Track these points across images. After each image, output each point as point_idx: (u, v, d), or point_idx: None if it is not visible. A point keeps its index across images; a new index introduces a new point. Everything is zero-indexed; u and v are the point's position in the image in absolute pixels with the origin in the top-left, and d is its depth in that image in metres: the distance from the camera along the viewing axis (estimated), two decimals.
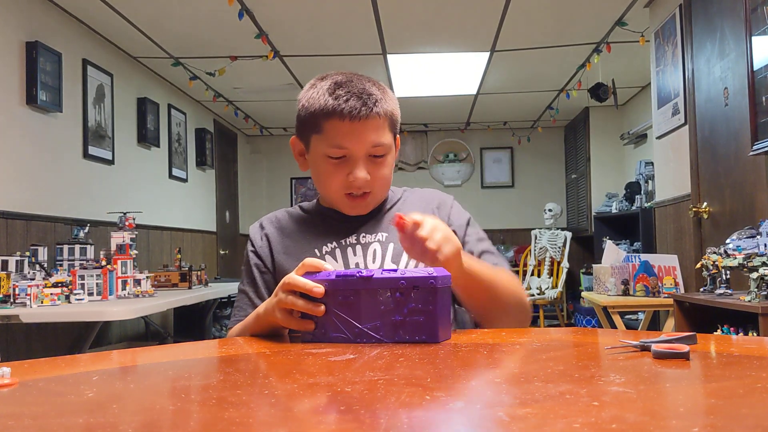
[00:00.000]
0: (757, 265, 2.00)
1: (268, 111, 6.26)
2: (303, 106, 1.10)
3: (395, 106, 1.12)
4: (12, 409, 0.53)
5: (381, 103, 1.06)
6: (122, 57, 4.40)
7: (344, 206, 1.12)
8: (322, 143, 1.07)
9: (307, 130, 1.10)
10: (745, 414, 0.45)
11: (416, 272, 0.84)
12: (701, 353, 0.71)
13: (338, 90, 1.05)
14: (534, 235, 6.25)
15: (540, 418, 0.45)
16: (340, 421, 0.47)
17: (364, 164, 1.07)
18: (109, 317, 2.69)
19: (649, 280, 3.34)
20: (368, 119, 1.04)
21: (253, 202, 7.31)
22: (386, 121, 1.08)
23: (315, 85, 1.10)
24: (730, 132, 2.80)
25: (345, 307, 0.84)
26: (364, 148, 1.06)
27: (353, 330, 0.84)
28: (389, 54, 4.57)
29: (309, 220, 1.18)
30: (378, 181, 1.10)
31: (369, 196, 1.11)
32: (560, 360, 0.71)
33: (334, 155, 1.06)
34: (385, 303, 0.84)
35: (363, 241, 1.13)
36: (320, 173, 1.10)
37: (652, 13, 3.74)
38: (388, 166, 1.11)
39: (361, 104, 1.04)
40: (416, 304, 0.83)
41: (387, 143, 1.09)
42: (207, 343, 0.91)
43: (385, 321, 0.84)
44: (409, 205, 1.19)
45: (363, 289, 0.83)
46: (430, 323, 0.83)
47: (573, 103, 5.90)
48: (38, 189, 3.39)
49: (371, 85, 1.08)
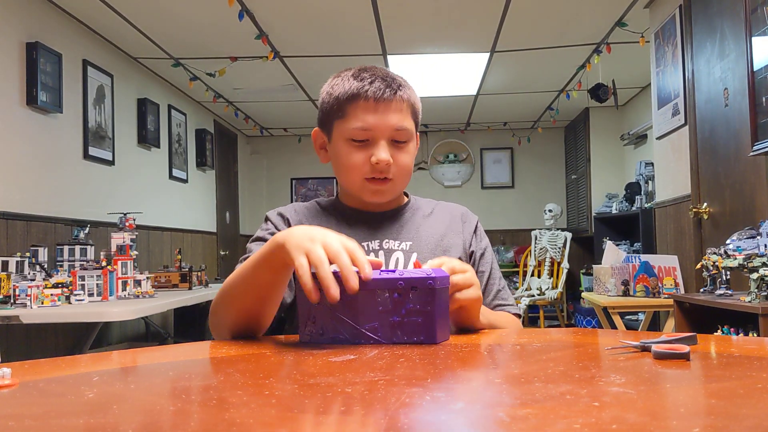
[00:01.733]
0: (758, 266, 2.00)
1: (269, 112, 6.27)
2: (327, 93, 1.11)
3: (417, 99, 1.14)
4: (12, 410, 0.53)
5: (405, 89, 1.09)
6: (122, 58, 4.41)
7: (365, 191, 1.11)
8: (346, 127, 1.08)
9: (331, 116, 1.11)
10: (746, 414, 0.45)
11: (415, 272, 0.84)
12: (701, 354, 0.71)
13: (363, 74, 1.08)
14: (534, 236, 6.25)
15: (540, 419, 0.45)
16: (340, 422, 0.47)
17: (386, 147, 1.07)
18: (110, 318, 2.69)
19: (649, 281, 3.34)
20: (392, 101, 1.06)
21: (254, 202, 7.31)
22: (409, 108, 1.10)
23: (339, 74, 1.12)
24: (730, 132, 2.80)
25: (343, 307, 0.83)
26: (387, 130, 1.07)
27: (351, 331, 0.83)
28: (389, 55, 4.58)
29: (329, 216, 1.16)
30: (399, 168, 1.09)
31: (389, 183, 1.10)
32: (560, 360, 0.71)
33: (358, 138, 1.07)
34: (384, 304, 0.83)
35: (386, 247, 1.12)
36: (342, 158, 1.10)
37: (652, 14, 3.74)
38: (410, 154, 1.12)
39: (385, 86, 1.06)
40: (414, 304, 0.82)
41: (409, 129, 1.10)
42: (207, 344, 0.90)
43: (383, 322, 0.83)
44: (436, 219, 1.19)
45: (361, 289, 0.81)
46: (429, 324, 0.82)
47: (573, 103, 5.90)
48: (38, 190, 3.40)
49: (394, 75, 1.11)
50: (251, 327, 0.94)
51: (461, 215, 1.21)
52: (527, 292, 5.93)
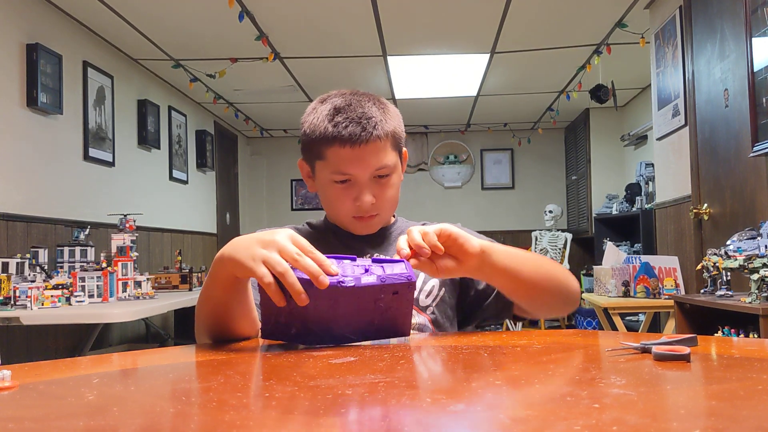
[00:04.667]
0: (758, 267, 2.00)
1: (269, 113, 6.27)
2: (305, 132, 1.10)
3: (397, 122, 1.11)
4: (12, 413, 0.53)
5: (381, 125, 1.05)
6: (122, 59, 4.41)
7: (353, 227, 1.13)
8: (327, 169, 1.07)
9: (311, 155, 1.10)
10: (746, 416, 0.45)
11: (393, 276, 0.82)
12: (702, 355, 0.71)
13: (337, 116, 1.04)
14: (534, 237, 6.25)
15: (541, 421, 0.45)
16: (340, 424, 0.47)
17: (369, 187, 1.07)
18: (110, 319, 2.69)
19: (649, 282, 3.34)
20: (369, 143, 1.04)
21: (254, 203, 7.31)
22: (388, 142, 1.08)
23: (315, 110, 1.09)
24: (730, 133, 2.80)
25: (320, 307, 0.80)
26: (367, 173, 1.06)
27: (330, 332, 0.82)
28: (389, 56, 4.58)
29: (319, 236, 1.17)
30: (384, 203, 1.10)
31: (376, 217, 1.12)
32: (561, 362, 0.71)
33: (339, 179, 1.07)
34: (363, 303, 0.81)
35: None
36: (328, 197, 1.11)
37: (652, 15, 3.74)
38: (394, 186, 1.11)
39: (360, 129, 1.03)
40: (393, 305, 0.83)
41: (391, 164, 1.08)
42: (207, 346, 0.90)
43: (360, 321, 0.83)
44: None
45: (341, 288, 0.79)
46: (404, 319, 0.84)
47: (573, 104, 5.90)
48: (39, 191, 3.40)
49: (371, 106, 1.07)
50: (230, 340, 0.94)
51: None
52: None
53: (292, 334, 0.84)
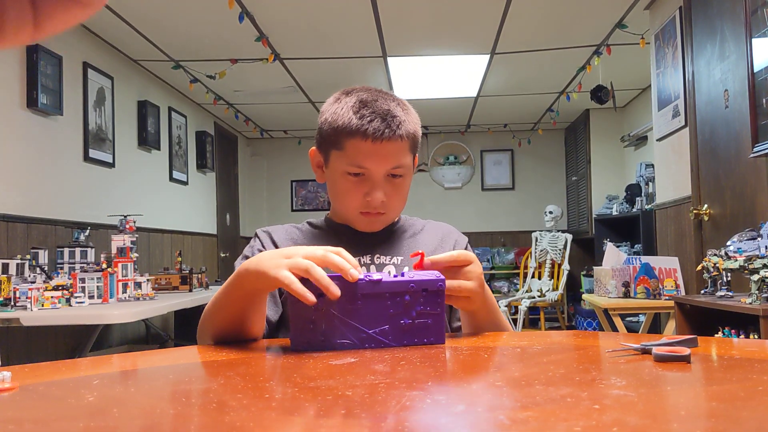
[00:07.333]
0: (758, 267, 2.00)
1: (269, 114, 6.27)
2: (326, 120, 1.09)
3: (417, 126, 1.12)
4: (12, 414, 0.53)
5: (404, 125, 1.07)
6: (122, 60, 4.41)
7: (358, 223, 1.13)
8: (343, 160, 1.07)
9: (328, 144, 1.10)
10: (747, 417, 0.45)
11: (423, 275, 0.85)
12: (702, 356, 0.71)
13: (363, 109, 1.05)
14: (534, 238, 6.25)
15: (541, 422, 0.45)
16: (341, 425, 0.47)
17: (381, 185, 1.07)
18: (110, 320, 2.69)
19: (649, 283, 3.34)
20: (390, 141, 1.04)
21: (254, 204, 7.31)
22: (407, 143, 1.09)
23: (340, 100, 1.09)
24: (730, 134, 2.80)
25: (351, 311, 0.82)
26: (383, 169, 1.07)
27: (360, 335, 0.83)
28: (389, 57, 4.58)
29: (321, 235, 1.17)
30: (394, 202, 1.11)
31: (384, 216, 1.12)
32: (561, 363, 0.71)
33: (353, 172, 1.07)
34: (394, 307, 0.83)
35: (377, 262, 1.13)
36: (338, 189, 1.11)
37: (652, 16, 3.74)
38: (406, 187, 1.12)
39: (384, 126, 1.04)
40: (424, 306, 0.83)
41: (407, 165, 1.10)
42: (207, 347, 0.90)
43: (393, 325, 0.83)
44: (426, 235, 1.20)
45: (371, 293, 0.82)
46: (438, 325, 0.84)
47: (573, 105, 5.90)
48: (39, 192, 3.40)
49: (396, 106, 1.08)
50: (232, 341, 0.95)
51: (450, 233, 1.23)
52: (528, 294, 5.92)
53: (322, 342, 0.82)
